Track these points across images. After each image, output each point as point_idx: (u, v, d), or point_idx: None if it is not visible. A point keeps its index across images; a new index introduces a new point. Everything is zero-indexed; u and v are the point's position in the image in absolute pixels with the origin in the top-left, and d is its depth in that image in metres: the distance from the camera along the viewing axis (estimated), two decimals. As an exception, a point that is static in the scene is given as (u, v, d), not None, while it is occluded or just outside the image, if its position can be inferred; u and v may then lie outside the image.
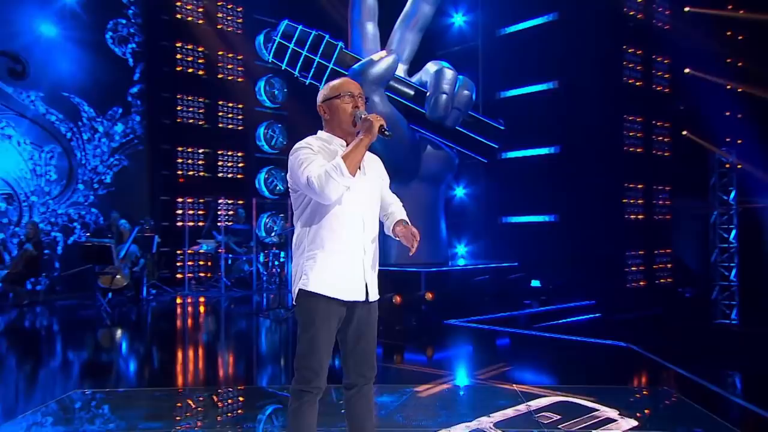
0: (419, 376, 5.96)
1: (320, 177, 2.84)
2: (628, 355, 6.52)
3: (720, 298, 9.75)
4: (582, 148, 9.48)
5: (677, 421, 4.46)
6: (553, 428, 4.18)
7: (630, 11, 9.95)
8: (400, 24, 9.68)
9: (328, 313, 2.99)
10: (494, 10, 10.58)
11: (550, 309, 8.96)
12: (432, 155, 9.44)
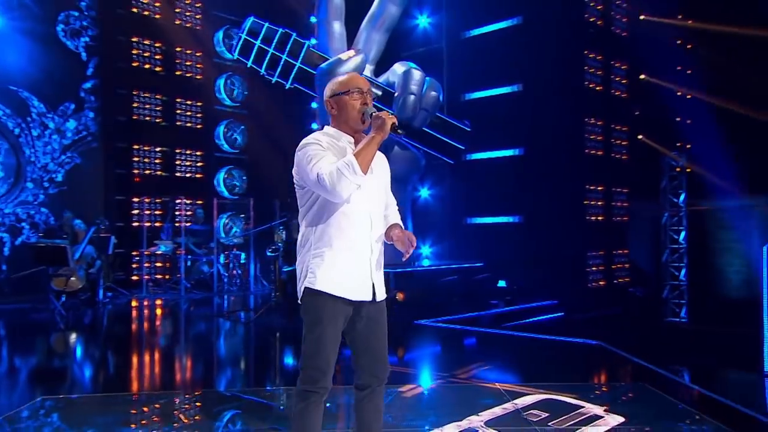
0: (399, 376, 5.88)
1: (332, 174, 2.75)
2: (600, 352, 6.62)
3: (670, 297, 10.03)
4: (545, 150, 9.62)
5: (659, 415, 4.53)
6: (544, 426, 4.18)
7: (590, 18, 10.18)
8: (366, 24, 9.61)
9: (335, 312, 2.92)
10: (459, 13, 10.64)
11: (515, 309, 9.04)
12: (399, 156, 9.40)
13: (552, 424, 4.20)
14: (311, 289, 2.92)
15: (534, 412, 4.47)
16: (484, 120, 9.79)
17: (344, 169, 2.76)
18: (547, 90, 9.57)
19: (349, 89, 3.01)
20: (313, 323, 2.94)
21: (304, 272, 2.98)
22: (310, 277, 2.94)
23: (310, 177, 2.84)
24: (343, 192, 2.79)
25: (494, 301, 9.28)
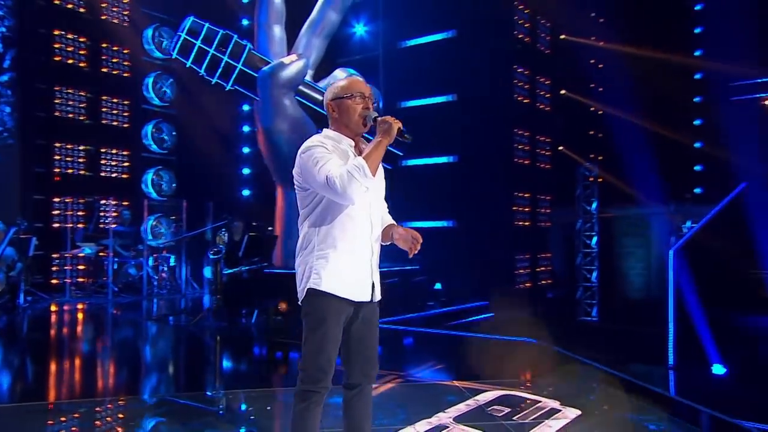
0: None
1: (342, 177, 2.75)
2: (538, 350, 6.88)
3: (583, 298, 10.58)
4: (477, 158, 9.88)
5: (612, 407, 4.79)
6: (509, 420, 4.31)
7: (519, 34, 10.59)
8: (306, 29, 9.54)
9: (338, 312, 2.93)
10: (395, 23, 10.75)
11: (451, 310, 9.22)
12: (338, 160, 9.40)
13: (516, 419, 4.35)
14: (316, 290, 2.91)
15: (496, 407, 4.62)
16: (419, 128, 9.90)
17: (355, 172, 2.76)
18: (479, 101, 9.83)
19: (352, 93, 3.01)
20: (316, 323, 2.92)
21: (307, 273, 2.96)
22: (314, 278, 2.92)
23: (317, 179, 2.82)
24: (354, 194, 2.79)
25: (431, 302, 9.44)
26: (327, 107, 3.09)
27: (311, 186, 2.91)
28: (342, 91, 3.04)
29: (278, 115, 8.76)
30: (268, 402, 4.98)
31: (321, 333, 2.92)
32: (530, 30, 10.81)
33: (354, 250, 2.96)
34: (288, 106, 8.81)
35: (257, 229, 8.99)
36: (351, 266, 2.95)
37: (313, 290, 2.91)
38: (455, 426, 4.19)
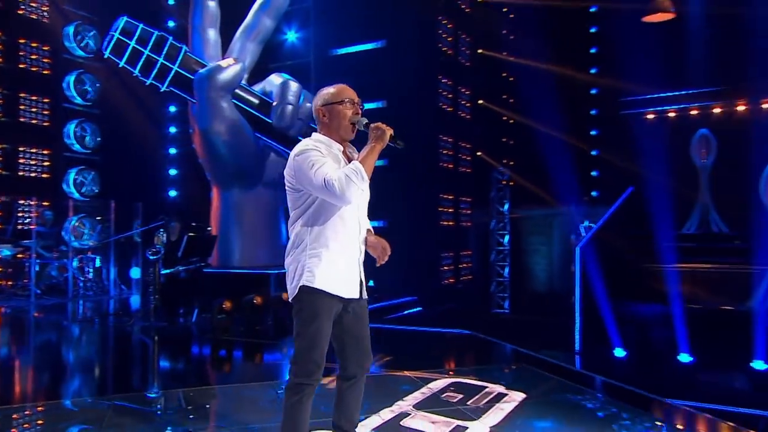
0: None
1: (341, 180, 2.77)
2: (473, 340, 7.12)
3: (496, 291, 11.03)
4: (406, 162, 10.04)
5: (549, 389, 5.05)
6: (464, 405, 4.45)
7: (443, 47, 10.87)
8: (241, 34, 9.34)
9: (330, 308, 2.95)
10: (326, 32, 10.73)
11: (383, 305, 9.32)
12: (275, 162, 9.27)
13: (470, 404, 4.49)
14: (310, 287, 2.90)
15: (449, 394, 4.74)
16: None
17: (353, 175, 2.79)
18: (407, 108, 10.01)
19: (343, 99, 3.03)
20: (309, 319, 2.92)
21: (299, 271, 2.94)
22: (307, 275, 2.91)
23: (314, 181, 2.81)
24: (351, 196, 2.81)
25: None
26: (317, 112, 3.09)
27: (306, 188, 2.89)
28: (333, 97, 3.05)
29: (216, 118, 8.53)
30: (207, 400, 4.80)
31: (314, 328, 2.91)
32: (453, 43, 11.14)
33: (345, 249, 2.99)
34: (225, 108, 8.60)
35: (196, 229, 8.70)
36: (342, 265, 2.97)
37: (307, 287, 2.90)
38: (416, 412, 4.27)
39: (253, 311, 7.47)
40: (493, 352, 6.78)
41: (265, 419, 4.12)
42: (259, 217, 9.13)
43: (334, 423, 3.19)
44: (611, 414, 4.28)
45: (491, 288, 11.04)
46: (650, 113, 13.62)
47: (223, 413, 4.52)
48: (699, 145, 12.18)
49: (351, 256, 3.02)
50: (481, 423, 4.03)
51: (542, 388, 5.08)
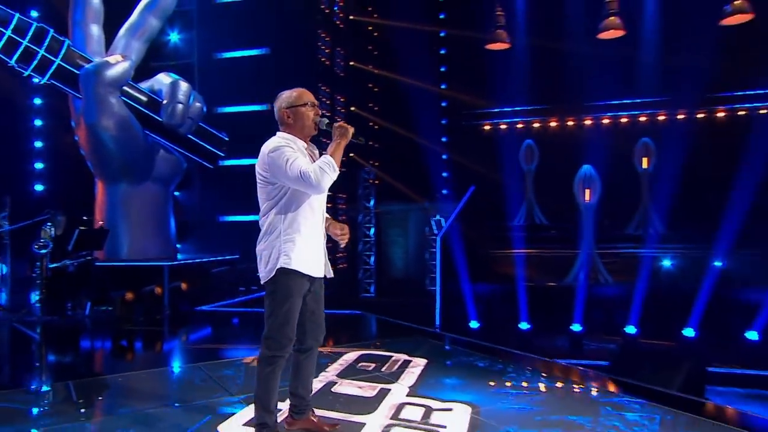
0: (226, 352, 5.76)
1: (316, 172, 2.92)
2: (366, 318, 7.45)
3: (363, 278, 11.51)
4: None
5: (445, 354, 5.53)
6: (379, 372, 4.74)
7: (321, 58, 11.02)
8: (126, 32, 8.78)
9: (301, 287, 3.08)
10: (210, 36, 10.36)
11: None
12: (163, 159, 8.85)
13: (384, 371, 4.79)
14: (286, 269, 3.01)
15: (363, 364, 4.99)
16: (236, 132, 9.78)
17: (326, 167, 2.95)
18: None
19: (305, 102, 3.17)
20: (284, 298, 3.03)
21: (275, 255, 3.03)
22: (284, 258, 3.01)
23: (289, 174, 2.92)
24: (325, 186, 2.96)
25: (254, 287, 9.38)
26: (282, 114, 3.19)
27: (281, 180, 3.00)
28: (296, 100, 3.18)
29: (104, 113, 7.95)
30: (100, 390, 4.50)
31: (288, 306, 3.04)
32: (330, 55, 11.34)
33: (314, 234, 3.14)
34: (114, 104, 8.05)
35: (87, 222, 8.01)
36: (312, 248, 3.12)
37: (284, 269, 3.01)
38: (341, 380, 4.48)
39: (153, 301, 7.12)
40: (385, 328, 7.16)
41: (158, 404, 3.98)
42: (148, 212, 8.66)
43: (291, 391, 3.32)
44: (499, 369, 4.85)
45: (359, 275, 11.47)
46: (487, 124, 14.93)
47: (116, 402, 4.20)
48: (525, 152, 13.63)
49: (319, 240, 3.18)
50: (400, 384, 4.36)
51: (438, 353, 5.54)
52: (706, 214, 10.86)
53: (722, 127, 11.71)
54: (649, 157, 12.55)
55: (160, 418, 3.66)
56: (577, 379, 4.65)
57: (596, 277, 10.57)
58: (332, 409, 3.75)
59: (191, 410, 3.82)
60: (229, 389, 4.28)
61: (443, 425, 3.50)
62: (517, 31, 11.76)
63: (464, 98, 13.77)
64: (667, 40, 11.16)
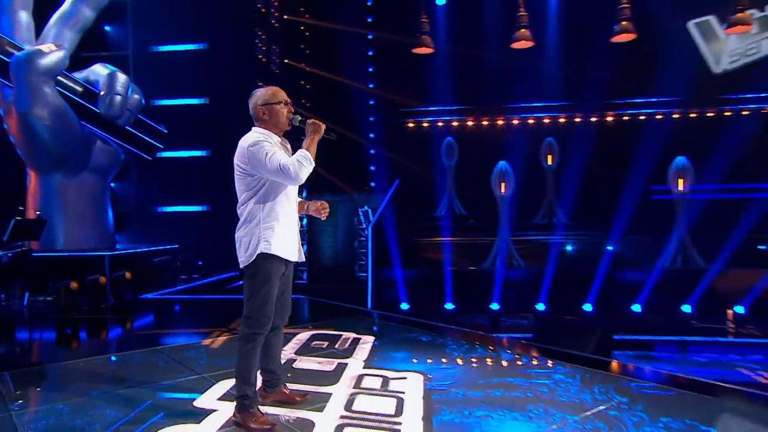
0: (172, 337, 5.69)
1: (294, 164, 3.04)
2: (309, 302, 7.54)
3: (296, 265, 11.57)
4: (228, 153, 9.87)
5: (388, 330, 5.77)
6: (333, 348, 4.91)
7: (258, 54, 10.85)
8: (57, 20, 8.30)
9: (278, 271, 3.20)
10: (146, 28, 9.92)
11: (212, 280, 9.16)
12: (100, 150, 8.46)
13: (338, 347, 4.96)
14: (267, 254, 3.11)
15: (317, 342, 5.12)
16: (175, 125, 9.49)
17: (303, 160, 3.08)
18: (229, 105, 9.83)
19: (280, 101, 3.28)
20: (264, 280, 3.14)
21: (255, 241, 3.12)
22: (264, 244, 3.11)
23: (269, 167, 3.03)
24: (303, 177, 3.09)
25: (196, 274, 9.20)
26: (258, 110, 3.28)
27: (260, 172, 3.09)
28: (271, 98, 3.28)
29: (37, 102, 7.49)
30: (39, 379, 4.33)
31: (267, 288, 3.15)
32: (266, 52, 11.19)
33: (290, 221, 3.25)
34: (48, 94, 7.60)
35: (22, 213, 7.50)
36: (289, 234, 3.23)
37: (264, 254, 3.11)
38: (300, 357, 4.61)
39: (97, 291, 6.84)
40: (329, 310, 7.30)
41: (127, 385, 3.92)
42: (85, 202, 8.25)
43: (262, 367, 3.42)
44: (440, 343, 5.17)
45: (299, 263, 11.51)
46: (411, 122, 15.32)
47: (87, 385, 3.98)
48: (446, 149, 14.13)
49: (294, 227, 3.29)
50: (355, 359, 4.55)
51: (384, 331, 5.78)
52: (601, 205, 11.85)
53: (614, 131, 12.78)
54: (552, 155, 13.44)
55: (134, 397, 3.64)
56: (508, 348, 5.06)
57: (511, 261, 11.26)
58: (298, 383, 3.88)
59: (163, 389, 3.83)
60: (195, 369, 4.30)
61: (402, 391, 3.75)
62: (440, 38, 12.17)
63: (391, 97, 14.04)
64: (569, 53, 12.01)
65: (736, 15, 8.02)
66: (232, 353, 4.78)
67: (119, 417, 3.31)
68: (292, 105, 3.37)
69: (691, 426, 3.12)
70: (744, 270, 9.73)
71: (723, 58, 13.06)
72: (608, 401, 3.51)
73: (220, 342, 5.31)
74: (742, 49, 12.97)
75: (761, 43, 12.82)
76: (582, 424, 3.16)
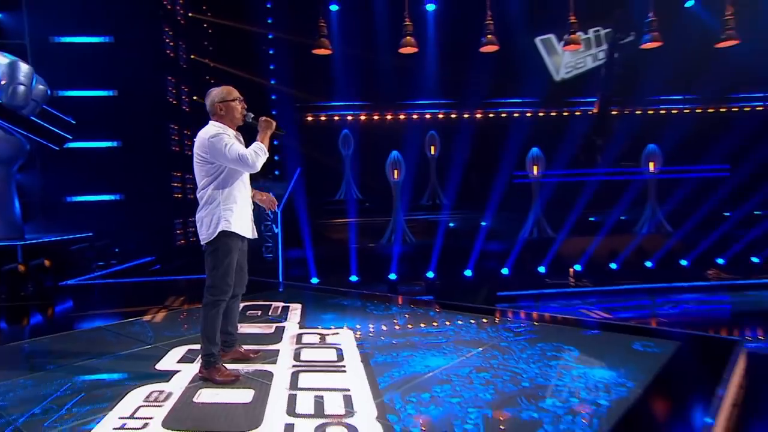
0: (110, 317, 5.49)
1: (251, 154, 3.24)
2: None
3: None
4: (139, 144, 9.38)
5: (314, 298, 6.04)
6: (267, 315, 5.08)
7: (167, 50, 10.30)
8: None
9: (237, 245, 3.40)
10: (44, 18, 8.97)
11: (129, 265, 8.71)
12: (4, 140, 7.69)
13: (271, 314, 5.15)
14: (227, 232, 3.29)
15: (251, 311, 5.20)
16: (83, 117, 8.80)
17: (259, 151, 3.28)
18: (139, 98, 9.32)
19: (235, 98, 3.44)
20: (225, 255, 3.31)
21: (215, 221, 3.27)
22: (225, 223, 3.28)
23: (228, 156, 3.20)
24: (259, 165, 3.27)
25: (113, 260, 8.68)
26: (215, 107, 3.40)
27: (220, 161, 3.24)
28: (227, 96, 3.41)
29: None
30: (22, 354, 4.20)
31: (228, 261, 3.32)
32: (174, 48, 10.65)
33: (246, 204, 3.44)
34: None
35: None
36: (245, 215, 3.42)
37: (225, 231, 3.27)
38: (241, 324, 4.61)
39: (15, 279, 6.31)
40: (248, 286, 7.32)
41: (85, 358, 3.81)
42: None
43: (221, 329, 3.60)
44: (359, 305, 5.56)
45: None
46: (310, 116, 15.47)
47: (45, 360, 3.88)
48: (342, 140, 14.48)
49: (249, 208, 3.47)
50: (290, 322, 4.79)
51: (307, 299, 6.01)
52: (475, 188, 12.96)
53: (485, 126, 13.96)
54: (434, 146, 14.36)
55: (96, 367, 3.61)
56: (418, 305, 5.60)
57: (404, 237, 11.97)
58: (246, 344, 4.07)
59: (123, 359, 3.83)
60: (145, 341, 4.30)
61: (338, 343, 4.11)
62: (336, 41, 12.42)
63: (291, 92, 14.06)
64: (449, 59, 12.89)
65: (570, 35, 9.20)
66: (176, 325, 4.87)
67: (89, 383, 3.32)
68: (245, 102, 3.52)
69: (557, 347, 3.85)
70: (581, 237, 11.31)
71: (561, 69, 14.81)
72: (499, 337, 4.16)
73: (161, 317, 5.27)
74: (574, 63, 14.78)
75: (586, 59, 14.69)
76: (483, 353, 3.75)
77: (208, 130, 3.29)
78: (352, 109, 15.48)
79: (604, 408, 2.76)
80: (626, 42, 12.90)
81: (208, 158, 3.23)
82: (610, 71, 13.41)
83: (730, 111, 13.67)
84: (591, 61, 14.31)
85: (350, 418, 2.74)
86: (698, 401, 2.90)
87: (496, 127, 13.52)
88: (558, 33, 14.03)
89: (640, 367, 3.34)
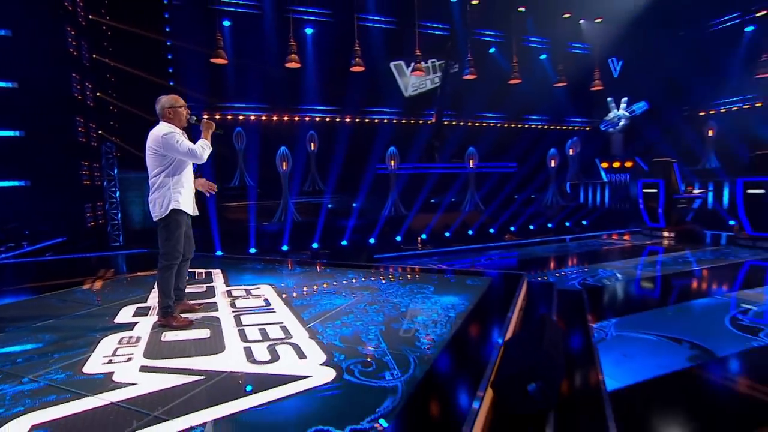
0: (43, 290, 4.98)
1: (199, 149, 3.45)
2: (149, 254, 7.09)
3: (112, 231, 10.39)
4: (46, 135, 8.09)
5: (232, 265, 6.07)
6: (194, 279, 5.09)
7: (70, 49, 8.90)
8: None
9: (184, 220, 3.59)
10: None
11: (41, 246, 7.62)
12: None
13: (197, 278, 5.14)
14: (177, 210, 3.45)
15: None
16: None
17: (205, 146, 3.49)
18: (42, 91, 8.01)
19: (181, 105, 3.57)
20: (175, 228, 3.48)
21: (167, 201, 3.41)
22: (174, 203, 3.44)
23: (180, 150, 3.37)
24: (206, 157, 3.48)
25: (24, 242, 7.48)
26: (165, 111, 3.49)
27: (172, 154, 3.37)
28: (175, 103, 3.52)
29: None
30: None
31: (178, 233, 3.49)
32: (77, 47, 9.24)
33: (190, 188, 3.60)
34: None
35: None
36: (189, 196, 3.59)
37: (175, 209, 3.43)
38: None
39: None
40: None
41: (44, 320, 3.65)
42: None
43: (174, 286, 3.68)
44: (273, 267, 5.83)
45: (108, 228, 10.26)
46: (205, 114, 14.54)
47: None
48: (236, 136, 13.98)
49: (192, 192, 3.63)
50: (217, 282, 4.94)
51: (225, 265, 5.99)
52: (349, 176, 13.58)
53: (358, 128, 14.61)
54: (313, 143, 14.63)
55: (59, 327, 3.48)
56: (319, 264, 6.04)
57: (293, 217, 12.16)
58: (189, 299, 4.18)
59: (80, 318, 3.70)
60: (93, 303, 4.15)
61: (263, 294, 4.43)
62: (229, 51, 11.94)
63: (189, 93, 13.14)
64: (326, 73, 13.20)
65: (415, 64, 10.27)
66: (117, 291, 4.74)
67: (59, 337, 3.24)
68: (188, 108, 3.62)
69: (419, 286, 4.66)
70: (425, 214, 12.68)
71: (409, 88, 16.08)
72: (380, 282, 4.85)
73: (99, 285, 4.98)
74: (417, 84, 16.18)
75: (426, 81, 16.18)
76: (371, 294, 4.41)
77: (161, 129, 3.37)
78: (246, 111, 14.99)
79: (453, 317, 3.59)
80: (453, 72, 14.56)
81: (161, 151, 3.33)
82: (443, 92, 14.99)
83: (521, 127, 16.25)
84: (429, 84, 15.77)
85: (291, 339, 3.17)
86: (502, 307, 3.91)
87: (365, 129, 14.32)
88: (406, 60, 15.18)
89: (471, 293, 4.30)
